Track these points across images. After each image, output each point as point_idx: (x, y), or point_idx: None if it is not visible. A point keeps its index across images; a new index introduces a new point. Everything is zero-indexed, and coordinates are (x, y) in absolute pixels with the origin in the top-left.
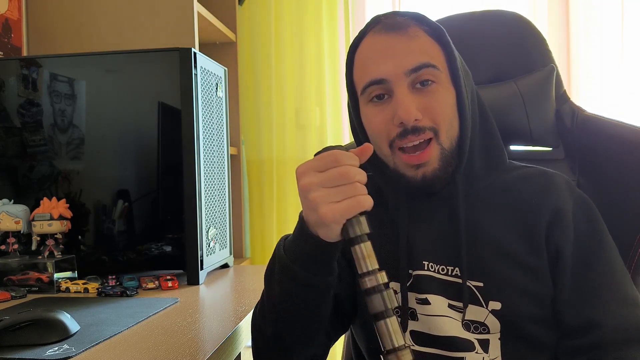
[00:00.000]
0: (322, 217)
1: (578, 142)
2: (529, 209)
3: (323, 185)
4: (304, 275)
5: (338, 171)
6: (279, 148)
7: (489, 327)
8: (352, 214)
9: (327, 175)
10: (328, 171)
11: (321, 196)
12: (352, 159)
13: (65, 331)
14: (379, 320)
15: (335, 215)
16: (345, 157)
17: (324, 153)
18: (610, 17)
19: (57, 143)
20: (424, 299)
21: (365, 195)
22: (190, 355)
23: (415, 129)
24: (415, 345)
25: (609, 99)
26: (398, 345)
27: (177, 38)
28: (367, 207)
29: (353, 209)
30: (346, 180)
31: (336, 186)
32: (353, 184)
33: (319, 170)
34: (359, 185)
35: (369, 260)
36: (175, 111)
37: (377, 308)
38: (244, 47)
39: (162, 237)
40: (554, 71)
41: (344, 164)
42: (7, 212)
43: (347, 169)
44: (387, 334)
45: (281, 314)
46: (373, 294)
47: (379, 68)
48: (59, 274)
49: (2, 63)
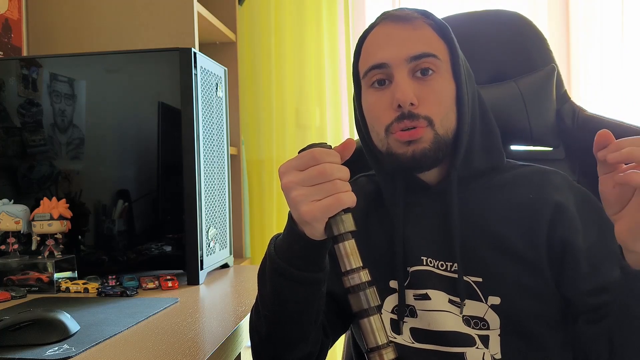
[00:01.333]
0: (303, 215)
1: (578, 142)
2: (527, 205)
3: (303, 184)
4: (292, 272)
5: (317, 169)
6: (279, 148)
7: (488, 322)
8: (332, 212)
9: (306, 174)
10: (307, 170)
11: (301, 195)
12: (332, 156)
13: (65, 331)
14: (362, 318)
15: (315, 214)
16: (324, 154)
17: (304, 152)
18: (610, 16)
19: (57, 143)
20: (424, 294)
21: (346, 192)
22: (190, 355)
23: (411, 114)
24: (414, 342)
25: (609, 99)
26: (381, 343)
27: (177, 38)
28: (349, 204)
29: (333, 207)
30: (325, 178)
31: (316, 184)
32: (333, 181)
33: (299, 168)
34: (340, 182)
35: (351, 258)
36: (175, 111)
37: (359, 306)
38: (244, 47)
39: (162, 237)
40: (555, 71)
41: (323, 161)
42: (7, 212)
43: (325, 167)
44: (369, 332)
45: (273, 312)
46: (355, 292)
47: (382, 53)
48: (59, 274)
49: (2, 63)
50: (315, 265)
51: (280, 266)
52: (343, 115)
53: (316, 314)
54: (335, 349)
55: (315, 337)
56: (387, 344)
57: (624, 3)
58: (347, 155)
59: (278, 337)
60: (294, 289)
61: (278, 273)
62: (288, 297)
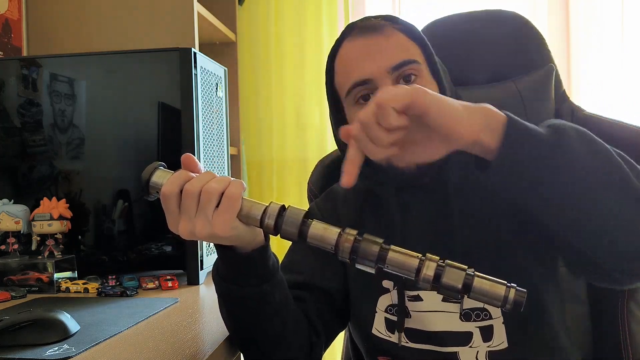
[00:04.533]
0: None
1: None
2: None
3: (190, 216)
4: (234, 289)
5: (185, 196)
6: (279, 148)
7: (490, 312)
8: (236, 209)
9: (183, 207)
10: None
11: (201, 224)
12: (177, 179)
13: (65, 331)
14: (384, 265)
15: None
16: (171, 184)
17: (163, 196)
18: (611, 16)
19: (57, 143)
20: (416, 296)
21: (229, 185)
22: (190, 355)
23: None
24: (409, 342)
25: (609, 99)
26: (419, 262)
27: (177, 38)
28: (240, 193)
29: (232, 207)
30: (194, 197)
31: (195, 204)
32: (205, 189)
33: (174, 211)
34: (210, 186)
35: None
36: (175, 111)
37: (371, 257)
38: (244, 47)
39: (162, 237)
40: (554, 71)
41: (178, 188)
42: (7, 212)
43: (187, 188)
44: (402, 265)
45: (235, 328)
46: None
47: (362, 68)
48: (59, 274)
49: (2, 63)
50: (254, 277)
51: (222, 286)
52: None
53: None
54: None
55: (298, 343)
56: (422, 257)
57: (624, 3)
58: (194, 168)
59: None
60: (244, 306)
61: (225, 293)
62: (243, 315)
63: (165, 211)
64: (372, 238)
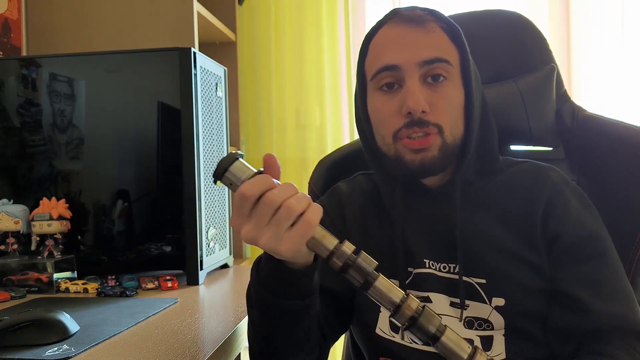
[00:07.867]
0: (284, 254)
1: (578, 142)
2: (523, 204)
3: (260, 225)
4: (279, 301)
5: (262, 202)
6: (279, 148)
7: (492, 323)
8: (307, 237)
9: (256, 214)
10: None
11: (268, 236)
12: (261, 184)
13: (64, 331)
14: (368, 289)
15: (293, 247)
16: (253, 186)
17: (238, 194)
18: (611, 16)
19: (57, 143)
20: (425, 297)
21: (309, 208)
22: (190, 355)
23: (421, 121)
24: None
25: (609, 99)
26: (400, 300)
27: (177, 38)
28: (318, 220)
29: (306, 233)
30: (274, 206)
31: (271, 216)
32: (285, 204)
33: (245, 212)
34: (291, 201)
35: (326, 242)
36: (175, 111)
37: (359, 279)
38: (244, 47)
39: (162, 237)
40: (554, 71)
41: (258, 192)
42: (6, 212)
43: (267, 196)
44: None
45: (263, 334)
46: (348, 269)
47: (394, 54)
48: (59, 274)
49: (2, 63)
50: (299, 290)
51: (263, 295)
52: (343, 115)
53: (306, 335)
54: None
55: (310, 347)
56: (405, 296)
57: (624, 3)
58: (275, 171)
59: (270, 356)
60: (280, 317)
61: (264, 301)
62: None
63: (234, 208)
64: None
